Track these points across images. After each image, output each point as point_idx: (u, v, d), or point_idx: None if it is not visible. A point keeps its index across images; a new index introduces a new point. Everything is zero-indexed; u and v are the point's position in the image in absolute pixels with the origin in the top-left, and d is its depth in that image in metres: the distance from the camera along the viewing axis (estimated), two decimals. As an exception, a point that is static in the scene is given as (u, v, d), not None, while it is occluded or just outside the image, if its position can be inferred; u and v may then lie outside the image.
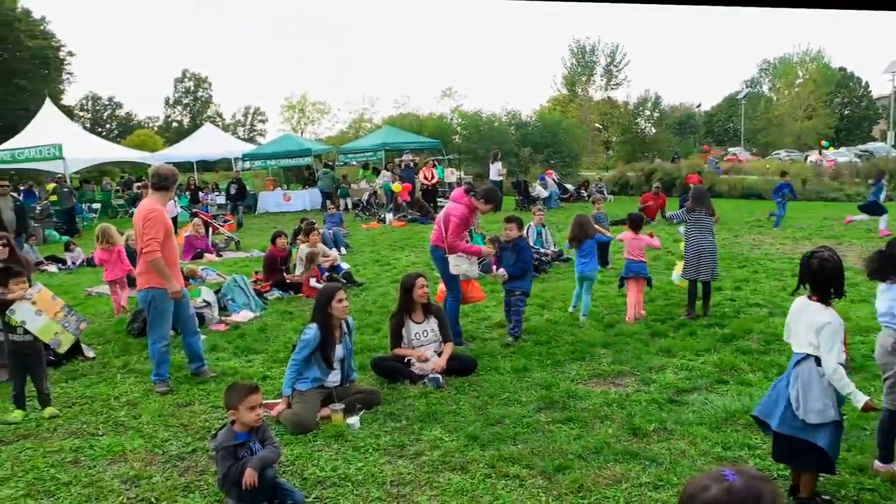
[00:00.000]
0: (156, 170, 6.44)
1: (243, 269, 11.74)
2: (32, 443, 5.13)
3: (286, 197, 26.89)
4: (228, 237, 16.69)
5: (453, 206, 7.23)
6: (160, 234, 6.02)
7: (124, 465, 4.69)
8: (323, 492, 4.21)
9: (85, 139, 30.49)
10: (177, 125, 78.02)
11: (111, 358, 7.23)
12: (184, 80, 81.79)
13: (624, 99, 49.31)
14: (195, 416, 5.49)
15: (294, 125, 66.52)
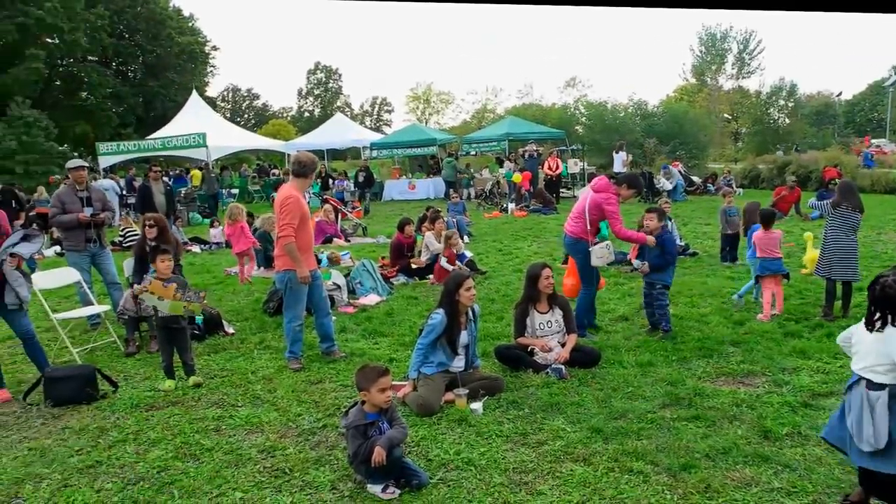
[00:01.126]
0: (297, 157, 6.65)
1: (370, 254, 12.02)
2: (180, 409, 5.46)
3: (411, 185, 27.32)
4: (356, 223, 17.13)
5: (602, 196, 7.05)
6: (295, 220, 6.21)
7: (261, 435, 4.90)
8: (446, 474, 4.24)
9: (226, 128, 32.06)
10: (308, 115, 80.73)
11: (248, 335, 7.58)
12: (316, 72, 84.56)
13: (756, 88, 47.03)
14: (326, 394, 5.67)
15: (419, 115, 67.51)
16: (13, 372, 6.53)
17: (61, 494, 4.18)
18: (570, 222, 7.25)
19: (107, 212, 8.04)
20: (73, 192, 7.95)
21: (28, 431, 5.20)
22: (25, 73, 37.58)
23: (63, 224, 7.87)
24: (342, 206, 18.16)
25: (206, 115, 31.36)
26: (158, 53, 49.20)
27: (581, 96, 47.96)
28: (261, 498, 4.02)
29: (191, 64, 51.88)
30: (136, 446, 4.81)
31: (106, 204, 8.15)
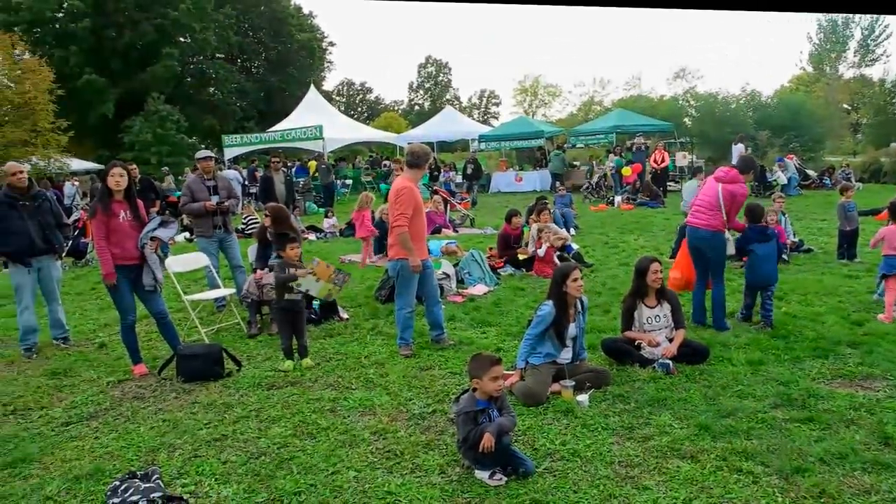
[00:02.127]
0: (410, 149, 6.76)
1: (478, 245, 12.06)
2: (298, 390, 5.67)
3: (518, 178, 27.22)
4: (464, 214, 17.23)
5: (737, 187, 6.90)
6: (408, 210, 6.30)
7: (373, 418, 5.03)
8: (552, 464, 4.23)
9: (340, 121, 32.88)
10: (418, 108, 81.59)
11: (361, 320, 7.78)
12: (426, 66, 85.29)
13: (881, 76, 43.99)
14: (435, 380, 5.75)
15: (526, 108, 67.08)
16: (148, 348, 6.96)
17: (192, 464, 4.42)
18: (704, 216, 6.99)
19: (231, 199, 8.43)
20: (201, 181, 8.38)
21: (162, 404, 5.54)
22: (161, 71, 39.76)
23: (192, 211, 8.33)
24: (451, 198, 18.30)
25: (323, 109, 32.26)
26: (279, 50, 50.95)
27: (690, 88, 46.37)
28: (373, 478, 4.12)
29: (309, 59, 53.40)
30: (258, 423, 5.04)
31: (231, 192, 8.54)
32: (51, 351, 7.17)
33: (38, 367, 6.69)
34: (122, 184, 6.12)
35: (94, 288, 10.85)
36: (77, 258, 13.62)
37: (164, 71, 39.98)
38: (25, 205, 6.97)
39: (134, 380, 6.18)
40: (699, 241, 7.14)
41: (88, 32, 38.63)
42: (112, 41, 39.64)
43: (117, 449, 4.71)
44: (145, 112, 34.82)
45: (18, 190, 7.00)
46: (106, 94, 38.52)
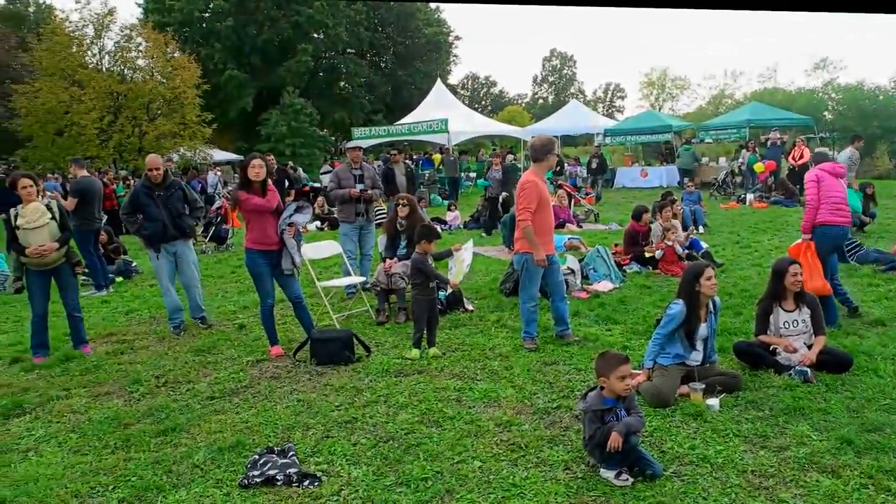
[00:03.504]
0: (532, 143, 6.76)
1: (602, 241, 11.85)
2: (424, 378, 5.77)
3: (643, 173, 26.53)
4: (588, 209, 16.98)
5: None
6: (532, 204, 6.27)
7: (498, 409, 5.04)
8: (680, 468, 4.10)
9: (465, 115, 33.04)
10: (542, 101, 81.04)
11: (486, 313, 7.82)
12: (551, 59, 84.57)
13: None
14: (559, 376, 5.71)
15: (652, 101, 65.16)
16: (284, 331, 7.28)
17: (324, 443, 4.60)
18: (843, 212, 6.69)
19: (375, 189, 8.77)
20: (349, 169, 8.77)
21: (297, 385, 5.79)
22: (296, 66, 41.40)
23: (337, 197, 8.75)
24: (575, 192, 18.07)
25: (448, 102, 32.53)
26: (407, 45, 51.86)
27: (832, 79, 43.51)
28: (498, 469, 4.14)
29: (435, 53, 54.04)
30: (387, 408, 5.17)
31: (375, 182, 8.88)
32: (196, 329, 7.65)
33: (185, 345, 7.15)
34: (260, 174, 6.42)
35: (234, 272, 11.46)
36: (219, 243, 14.41)
37: (298, 66, 41.59)
38: (160, 194, 7.43)
39: (270, 360, 6.48)
40: (839, 238, 6.82)
41: (231, 31, 40.73)
42: (252, 38, 41.62)
43: (256, 425, 4.96)
44: (281, 105, 36.34)
45: (154, 182, 7.49)
46: (246, 88, 40.54)
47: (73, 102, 23.55)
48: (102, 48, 25.93)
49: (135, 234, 7.71)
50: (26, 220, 6.64)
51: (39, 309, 6.84)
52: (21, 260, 6.77)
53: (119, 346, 7.29)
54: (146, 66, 26.27)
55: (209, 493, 4.03)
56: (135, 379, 6.10)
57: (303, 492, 3.97)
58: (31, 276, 6.81)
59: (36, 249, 6.56)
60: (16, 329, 8.35)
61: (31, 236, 6.62)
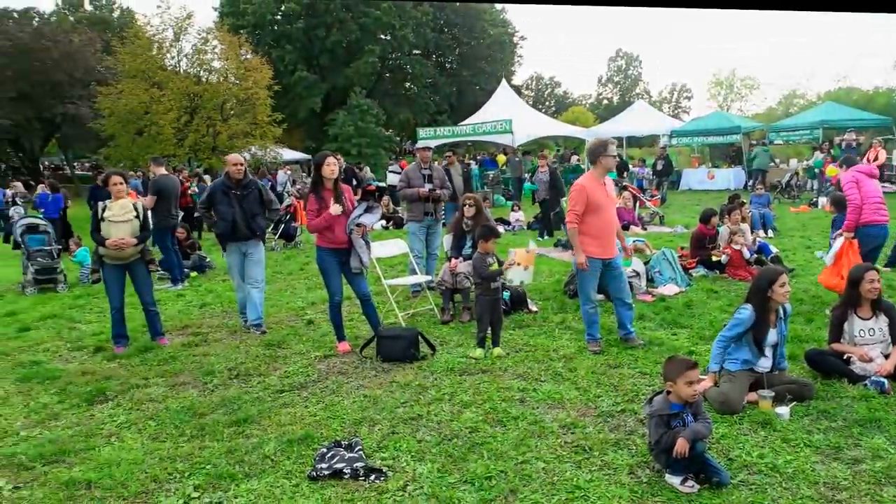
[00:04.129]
0: (586, 148, 6.76)
1: (668, 243, 11.64)
2: (488, 378, 5.78)
3: (710, 175, 25.93)
4: (653, 212, 16.70)
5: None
6: (578, 207, 6.22)
7: (562, 411, 5.02)
8: (749, 477, 4.01)
9: (529, 115, 32.88)
10: (607, 102, 80.00)
11: (550, 314, 7.78)
12: (616, 59, 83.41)
13: None
14: (624, 379, 5.64)
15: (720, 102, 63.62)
16: (350, 328, 7.38)
17: (390, 439, 4.65)
18: (883, 212, 6.50)
19: (444, 189, 8.83)
20: (419, 169, 8.85)
21: (363, 380, 5.87)
22: (363, 67, 41.95)
23: (406, 196, 8.87)
24: (640, 194, 17.80)
25: (512, 103, 32.44)
26: (472, 45, 51.87)
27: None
28: (561, 471, 4.12)
29: (499, 54, 53.90)
30: (451, 406, 5.19)
31: (443, 182, 8.94)
32: (267, 324, 7.79)
33: (256, 338, 7.33)
34: (334, 172, 6.53)
35: (303, 268, 11.69)
36: (288, 241, 14.71)
37: (365, 67, 42.11)
38: (236, 193, 7.51)
39: (338, 356, 6.59)
40: (884, 238, 6.83)
41: (301, 33, 41.53)
42: (321, 40, 42.32)
43: (324, 419, 5.06)
44: (348, 106, 36.85)
45: (233, 180, 7.58)
46: (314, 89, 41.28)
47: (152, 103, 24.37)
48: (180, 51, 26.76)
49: (210, 229, 7.88)
50: (112, 213, 6.94)
51: (116, 302, 7.11)
52: (99, 252, 7.03)
53: (193, 338, 7.53)
54: (221, 67, 26.98)
55: (279, 483, 4.12)
56: (208, 370, 6.29)
57: (369, 486, 4.03)
58: (107, 270, 7.08)
59: (115, 242, 6.83)
60: (99, 319, 8.69)
61: (113, 229, 6.90)
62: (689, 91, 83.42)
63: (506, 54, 55.10)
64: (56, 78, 35.72)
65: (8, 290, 11.23)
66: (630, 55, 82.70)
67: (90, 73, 33.84)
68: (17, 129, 36.85)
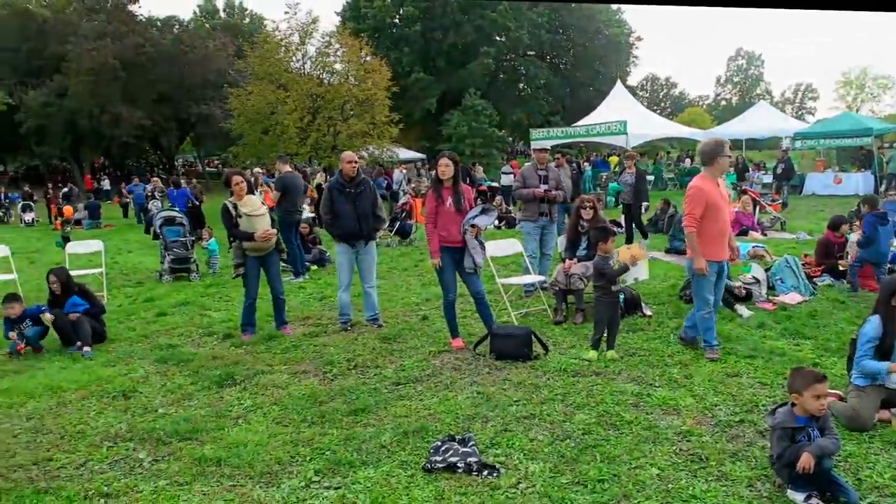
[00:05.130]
0: (700, 148, 6.51)
1: (790, 250, 11.08)
2: (601, 380, 5.69)
3: (836, 179, 24.43)
4: (774, 217, 15.91)
5: None
6: (696, 210, 5.99)
7: (677, 418, 4.88)
8: (880, 499, 3.76)
9: (644, 116, 32.07)
10: (725, 103, 77.01)
11: (665, 318, 7.56)
12: (737, 59, 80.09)
13: None
14: (743, 389, 5.41)
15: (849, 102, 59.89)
16: (464, 325, 7.42)
17: (503, 436, 4.67)
18: None
19: (559, 190, 8.77)
20: (535, 170, 8.84)
21: (477, 377, 5.91)
22: (478, 69, 42.22)
23: (521, 197, 8.88)
24: (760, 198, 17.02)
25: (627, 104, 31.75)
26: (587, 46, 51.15)
27: None
28: (676, 478, 4.01)
29: (615, 55, 52.90)
30: (564, 407, 5.15)
31: (559, 183, 8.88)
32: (383, 319, 7.95)
33: (372, 332, 7.51)
34: (447, 172, 6.60)
35: (417, 265, 11.88)
36: (402, 238, 14.99)
37: (480, 68, 42.36)
38: (350, 191, 7.60)
39: (451, 352, 6.66)
40: None
41: (419, 35, 42.22)
42: (438, 43, 42.89)
43: (438, 412, 5.13)
44: (462, 107, 37.12)
45: (347, 177, 7.66)
46: (430, 90, 41.90)
47: (278, 104, 25.36)
48: (305, 54, 27.69)
49: (327, 229, 7.94)
50: (249, 208, 7.29)
51: (253, 292, 7.47)
52: (243, 246, 7.34)
53: (314, 329, 7.80)
54: (342, 69, 27.75)
55: (395, 472, 4.22)
56: (328, 360, 6.50)
57: (481, 481, 4.06)
58: (250, 263, 7.41)
59: (264, 234, 7.17)
60: (226, 307, 9.16)
61: (256, 222, 7.26)
62: (814, 91, 79.16)
63: (621, 55, 54.00)
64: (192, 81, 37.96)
65: (147, 278, 12.03)
66: (751, 54, 79.27)
67: (222, 76, 35.72)
68: (157, 128, 39.41)
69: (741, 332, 6.86)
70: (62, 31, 37.78)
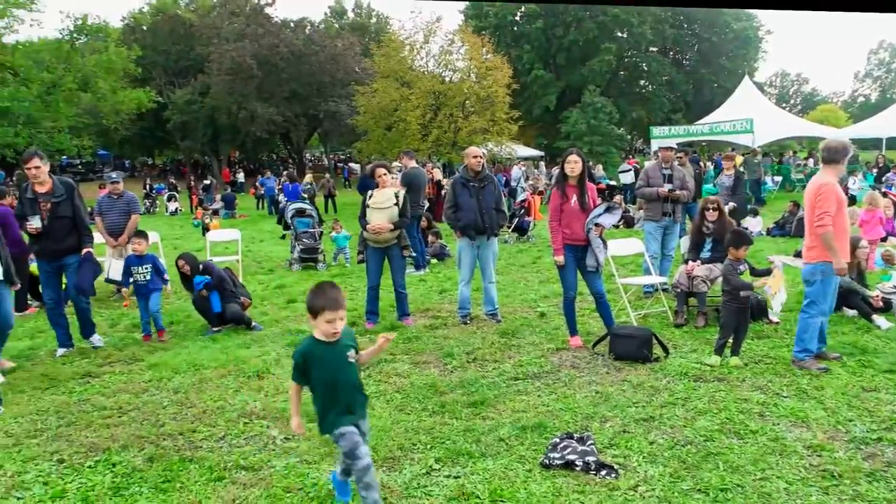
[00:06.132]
0: (826, 144, 6.03)
1: (934, 258, 10.24)
2: (725, 387, 5.47)
3: None
4: (916, 222, 14.74)
5: None
6: (831, 208, 5.62)
7: (806, 431, 4.62)
8: None
9: (772, 114, 30.48)
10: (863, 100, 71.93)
11: (793, 326, 7.09)
12: (878, 52, 74.57)
13: None
14: (881, 404, 5.04)
15: None
16: (581, 323, 7.32)
17: (621, 437, 4.58)
18: None
19: (684, 190, 8.49)
20: (659, 168, 8.62)
21: (595, 376, 5.83)
22: (599, 65, 41.52)
23: (644, 195, 8.67)
24: (902, 201, 15.79)
25: (754, 101, 30.26)
26: (713, 41, 49.14)
27: None
28: (806, 494, 3.81)
29: (742, 49, 50.59)
30: (685, 411, 5.00)
31: (684, 183, 8.59)
32: (501, 314, 7.96)
33: (492, 326, 7.55)
34: (576, 170, 6.52)
35: (535, 262, 11.84)
36: (520, 234, 14.97)
37: (601, 65, 41.61)
38: (474, 185, 7.63)
39: (570, 350, 6.60)
40: None
41: (540, 32, 41.94)
42: (559, 39, 42.44)
43: (556, 409, 5.10)
44: (581, 104, 36.58)
45: (472, 172, 7.68)
46: (550, 87, 41.57)
47: (401, 101, 25.94)
48: (428, 52, 28.15)
49: (449, 223, 7.96)
50: (375, 200, 7.55)
51: (374, 281, 7.70)
52: (363, 235, 7.65)
53: (434, 321, 7.92)
54: (464, 67, 28.01)
55: (513, 466, 4.24)
56: (448, 352, 6.59)
57: (600, 481, 4.01)
58: (369, 252, 7.69)
59: (373, 227, 7.39)
60: (351, 297, 9.43)
61: (374, 215, 7.49)
62: (970, 86, 72.44)
63: (749, 50, 51.54)
64: (321, 79, 39.37)
65: (278, 266, 12.59)
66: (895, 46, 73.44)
67: (350, 74, 36.88)
68: (288, 124, 41.14)
69: (879, 345, 6.42)
70: (206, 33, 40.20)
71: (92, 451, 4.66)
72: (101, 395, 5.77)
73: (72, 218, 6.99)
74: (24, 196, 6.99)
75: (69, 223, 6.98)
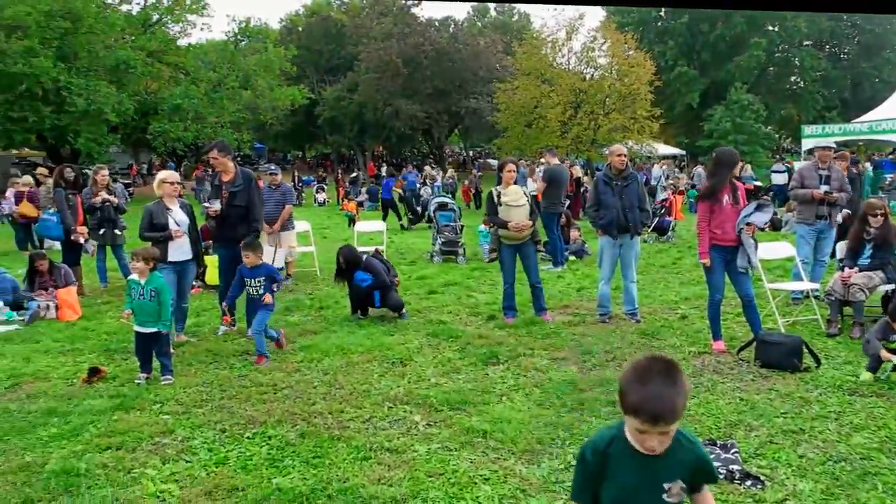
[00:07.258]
0: None
1: None
2: (884, 402, 5.07)
3: None
4: None
5: None
6: None
7: None
8: None
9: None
10: None
11: None
12: None
13: None
14: None
15: None
16: (725, 327, 6.93)
17: (768, 448, 4.37)
18: None
19: (842, 192, 7.95)
20: (815, 169, 8.13)
21: (740, 383, 5.57)
22: (746, 61, 39.32)
23: (798, 197, 8.16)
24: None
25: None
26: (877, 32, 45.15)
27: None
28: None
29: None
30: (838, 426, 4.69)
31: (843, 185, 8.01)
32: (641, 314, 7.77)
33: (631, 326, 7.39)
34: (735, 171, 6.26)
35: (675, 262, 11.46)
36: (660, 234, 14.52)
37: (749, 61, 39.40)
38: (617, 184, 7.46)
39: (712, 354, 6.34)
40: None
41: (685, 28, 40.30)
42: (704, 35, 40.58)
43: (698, 415, 4.92)
44: (726, 101, 34.83)
45: (615, 170, 7.55)
46: (693, 84, 39.89)
47: (542, 98, 25.80)
48: (570, 49, 27.79)
49: (591, 221, 7.90)
50: (510, 198, 7.55)
51: (509, 277, 7.74)
52: (498, 233, 7.67)
53: (572, 318, 7.86)
54: (606, 64, 27.44)
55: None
56: (587, 350, 6.52)
57: (744, 491, 3.85)
58: (503, 249, 7.71)
59: (517, 224, 7.40)
60: (490, 291, 9.54)
61: (512, 212, 7.50)
62: None
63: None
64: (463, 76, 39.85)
65: (419, 258, 12.92)
66: None
67: (491, 72, 37.10)
68: (430, 120, 41.99)
69: None
70: (356, 33, 41.73)
71: (251, 424, 4.99)
72: (257, 372, 6.16)
73: (245, 207, 7.46)
74: (213, 182, 7.59)
75: (242, 212, 7.45)
